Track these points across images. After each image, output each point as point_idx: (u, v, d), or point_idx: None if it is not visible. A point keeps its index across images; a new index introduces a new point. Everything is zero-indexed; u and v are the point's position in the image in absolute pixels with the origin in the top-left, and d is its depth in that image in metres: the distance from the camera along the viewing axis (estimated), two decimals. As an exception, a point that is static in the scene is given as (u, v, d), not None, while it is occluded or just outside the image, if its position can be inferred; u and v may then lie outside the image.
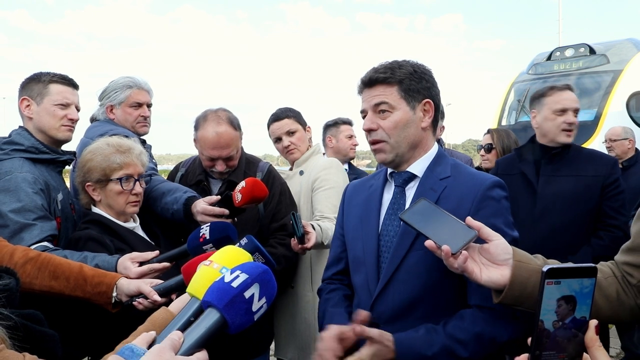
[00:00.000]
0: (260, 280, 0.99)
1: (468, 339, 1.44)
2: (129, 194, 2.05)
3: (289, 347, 2.79)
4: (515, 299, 1.27)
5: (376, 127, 1.60)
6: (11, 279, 1.23)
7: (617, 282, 1.36)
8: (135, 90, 2.76)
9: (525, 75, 9.04)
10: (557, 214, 2.66)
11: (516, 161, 2.91)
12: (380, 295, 1.57)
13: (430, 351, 1.43)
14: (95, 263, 1.82)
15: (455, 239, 1.29)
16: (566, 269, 0.90)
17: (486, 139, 4.11)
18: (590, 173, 2.69)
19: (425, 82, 1.60)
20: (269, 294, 1.01)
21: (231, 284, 0.96)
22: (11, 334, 1.09)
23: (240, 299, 0.96)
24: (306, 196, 2.80)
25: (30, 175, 2.02)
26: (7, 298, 1.15)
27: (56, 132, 2.21)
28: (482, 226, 1.31)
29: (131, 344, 0.92)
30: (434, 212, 1.37)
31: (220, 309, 0.94)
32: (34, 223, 1.93)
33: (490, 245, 1.30)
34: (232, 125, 2.35)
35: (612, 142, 4.81)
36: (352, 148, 4.23)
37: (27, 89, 2.21)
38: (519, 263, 1.28)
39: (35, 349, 1.10)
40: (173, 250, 1.91)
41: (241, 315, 0.96)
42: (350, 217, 1.78)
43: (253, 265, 1.03)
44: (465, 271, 1.28)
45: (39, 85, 2.20)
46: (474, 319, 1.46)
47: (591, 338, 0.91)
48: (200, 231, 1.85)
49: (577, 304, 0.90)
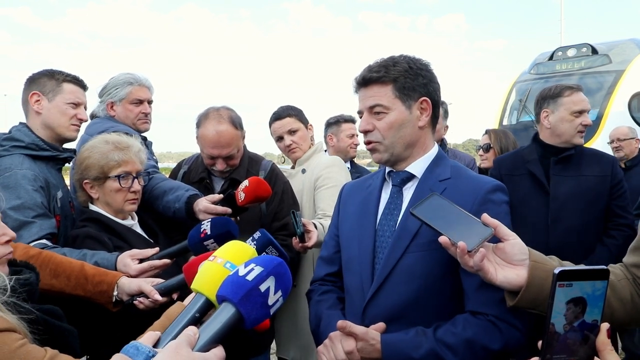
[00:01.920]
0: (276, 273, 0.97)
1: (458, 345, 1.40)
2: (127, 192, 2.03)
3: (291, 346, 2.78)
4: (531, 301, 1.24)
5: (372, 128, 1.58)
6: (31, 274, 1.25)
7: (630, 285, 1.33)
8: (136, 87, 2.75)
9: (527, 75, 9.02)
10: (572, 215, 2.64)
11: (520, 161, 2.86)
12: (374, 297, 1.54)
13: (417, 354, 1.40)
14: (95, 261, 1.81)
15: (471, 236, 1.24)
16: (578, 271, 0.88)
17: (484, 139, 4.16)
18: (597, 173, 2.67)
19: (421, 78, 1.57)
20: (285, 287, 0.99)
21: (246, 277, 0.95)
22: (32, 328, 1.10)
23: (255, 292, 0.93)
24: (308, 194, 2.79)
25: (30, 172, 2.00)
26: (28, 292, 1.16)
27: (64, 131, 2.22)
28: (498, 224, 1.27)
29: (136, 342, 0.91)
30: (447, 208, 1.32)
31: (235, 303, 0.92)
32: (33, 221, 1.91)
33: (506, 245, 1.27)
34: (233, 124, 2.34)
35: (621, 142, 4.74)
36: (353, 147, 4.16)
37: (39, 84, 2.21)
38: (536, 264, 1.24)
39: (55, 344, 1.12)
40: (173, 246, 1.90)
41: (257, 310, 0.94)
42: (346, 217, 1.75)
43: (267, 258, 1.01)
44: (481, 270, 1.24)
45: (52, 82, 2.21)
46: (466, 325, 1.42)
47: (602, 341, 0.90)
48: (201, 227, 1.84)
49: (587, 307, 0.88)
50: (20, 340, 1.04)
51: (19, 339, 1.04)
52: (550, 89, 2.84)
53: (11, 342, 1.02)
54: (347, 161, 4.15)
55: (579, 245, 2.62)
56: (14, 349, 1.01)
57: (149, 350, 0.89)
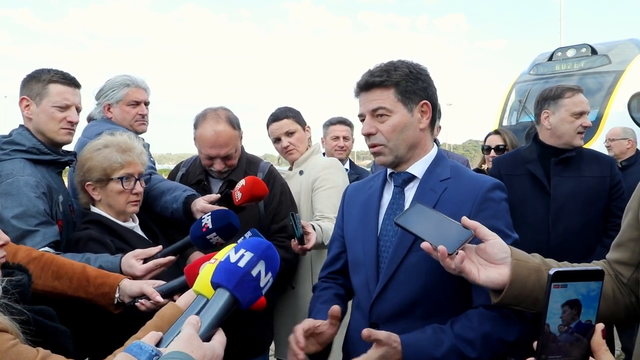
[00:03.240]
0: (265, 256, 1.03)
1: (476, 339, 1.42)
2: (130, 194, 2.03)
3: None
4: (515, 298, 1.26)
5: (375, 131, 1.60)
6: (23, 275, 1.26)
7: (612, 281, 1.35)
8: (133, 89, 2.74)
9: (527, 76, 9.03)
10: (573, 215, 2.64)
11: (520, 161, 2.85)
12: (380, 295, 1.57)
13: (438, 352, 1.42)
14: (99, 264, 1.80)
15: (451, 240, 1.27)
16: (573, 272, 0.88)
17: (495, 140, 3.99)
18: (597, 174, 2.68)
19: (421, 82, 1.60)
20: (274, 268, 1.05)
21: (238, 263, 1.00)
22: (24, 329, 1.11)
23: (248, 277, 0.99)
24: (306, 196, 2.79)
25: (33, 178, 1.97)
26: (20, 294, 1.18)
27: (55, 135, 2.11)
28: (478, 225, 1.29)
29: (139, 342, 0.92)
30: (428, 215, 1.36)
31: (230, 290, 0.98)
32: (36, 229, 1.89)
33: (487, 245, 1.28)
34: (231, 124, 2.34)
35: (611, 142, 4.87)
36: (338, 150, 4.03)
37: (27, 88, 2.12)
38: (518, 262, 1.26)
39: (48, 344, 1.13)
40: (176, 242, 1.91)
41: (250, 292, 1.00)
42: (350, 219, 1.78)
43: (256, 241, 1.06)
44: (462, 272, 1.26)
45: (38, 85, 2.09)
46: (482, 319, 1.45)
47: (597, 342, 0.90)
48: (202, 221, 1.85)
49: (582, 308, 0.89)
50: (12, 341, 1.04)
51: (11, 339, 1.04)
52: (551, 89, 2.84)
53: (3, 343, 1.02)
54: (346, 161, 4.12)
55: (579, 245, 2.62)
56: (5, 349, 1.02)
57: (152, 350, 0.90)
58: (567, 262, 1.39)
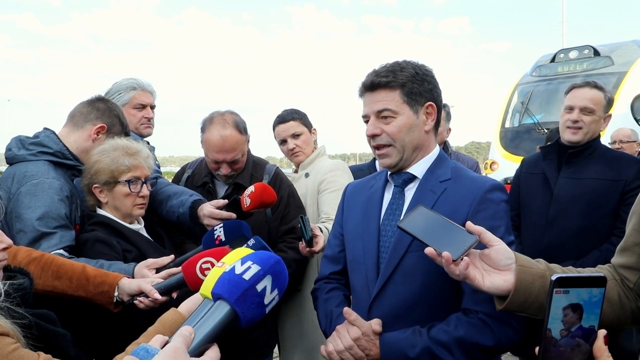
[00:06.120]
0: (273, 272, 0.96)
1: (450, 343, 1.42)
2: (136, 196, 2.05)
3: (296, 351, 2.77)
4: (520, 305, 1.24)
5: (380, 132, 1.59)
6: (25, 279, 1.26)
7: (618, 286, 1.34)
8: (139, 92, 2.76)
9: (529, 77, 9.01)
10: (571, 217, 2.61)
11: (540, 160, 2.86)
12: (378, 296, 1.57)
13: (412, 352, 1.44)
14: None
15: (456, 245, 1.25)
16: (576, 278, 0.88)
17: None
18: (612, 177, 2.58)
19: (427, 84, 1.59)
20: (281, 285, 0.97)
21: (243, 275, 0.93)
22: (26, 332, 1.10)
23: (252, 292, 0.92)
24: (312, 198, 2.79)
25: (57, 182, 2.01)
26: (22, 297, 1.17)
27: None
28: (483, 231, 1.27)
29: (146, 345, 0.90)
30: (432, 219, 1.33)
31: (231, 303, 0.91)
32: (54, 231, 1.91)
33: (491, 251, 1.27)
34: (237, 129, 2.34)
35: (623, 144, 4.71)
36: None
37: (109, 119, 2.23)
38: (522, 268, 1.25)
39: (48, 348, 1.12)
40: (188, 253, 1.90)
41: (253, 309, 0.92)
42: (350, 217, 1.77)
43: (265, 255, 0.99)
44: (467, 278, 1.25)
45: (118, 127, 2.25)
46: (458, 323, 1.45)
47: (599, 348, 0.90)
48: (215, 233, 1.85)
49: (584, 313, 0.89)
50: (13, 345, 1.04)
51: (12, 343, 1.04)
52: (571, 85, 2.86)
53: (4, 347, 1.02)
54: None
55: (575, 248, 2.56)
56: (6, 353, 1.02)
57: (158, 352, 0.89)
58: (571, 267, 1.38)
